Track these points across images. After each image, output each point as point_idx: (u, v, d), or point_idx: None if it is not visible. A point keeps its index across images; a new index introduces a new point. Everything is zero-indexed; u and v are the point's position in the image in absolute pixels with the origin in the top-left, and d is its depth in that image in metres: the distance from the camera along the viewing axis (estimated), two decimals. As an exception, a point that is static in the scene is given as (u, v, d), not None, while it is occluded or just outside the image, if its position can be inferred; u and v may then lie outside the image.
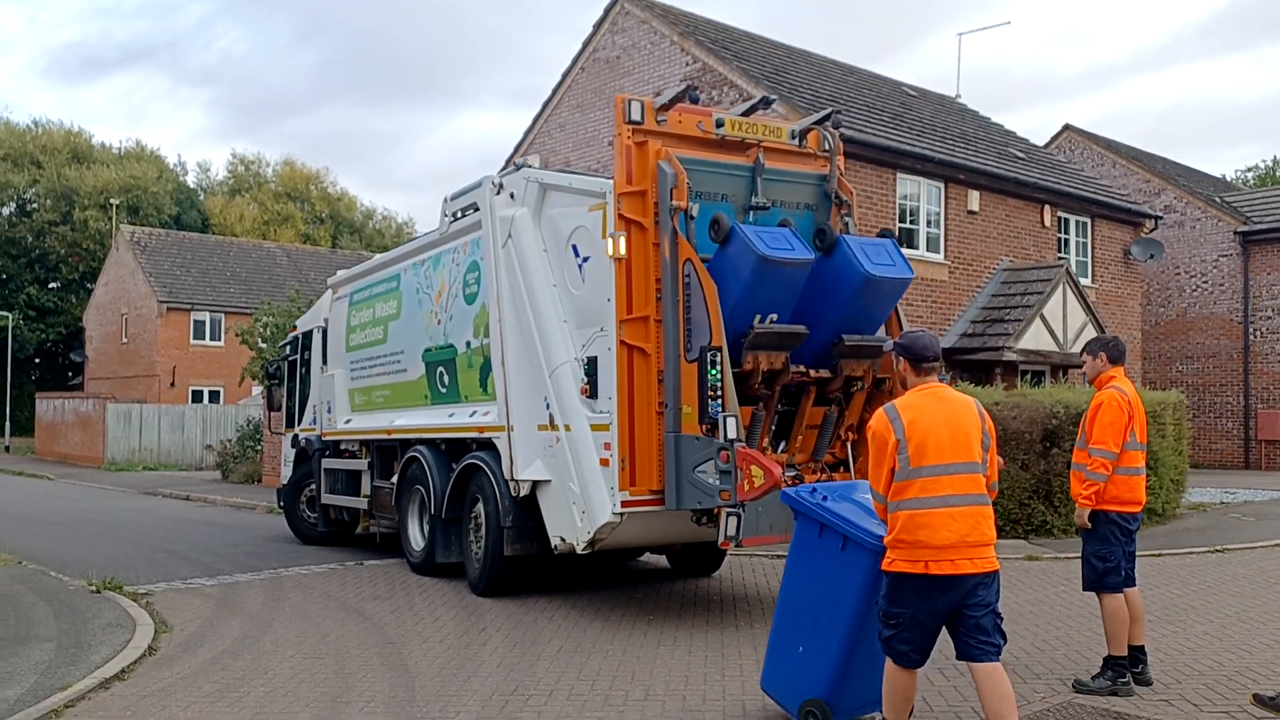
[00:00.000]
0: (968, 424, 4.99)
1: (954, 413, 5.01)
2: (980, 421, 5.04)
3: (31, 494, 23.83)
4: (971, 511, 4.85)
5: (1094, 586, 6.59)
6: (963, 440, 4.94)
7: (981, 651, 4.85)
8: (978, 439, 4.98)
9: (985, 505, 4.93)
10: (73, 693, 6.46)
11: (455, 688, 6.67)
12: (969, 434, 4.97)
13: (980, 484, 4.93)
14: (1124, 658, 6.48)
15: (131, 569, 11.57)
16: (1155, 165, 27.82)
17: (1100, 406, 6.54)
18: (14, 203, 56.74)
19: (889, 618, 4.97)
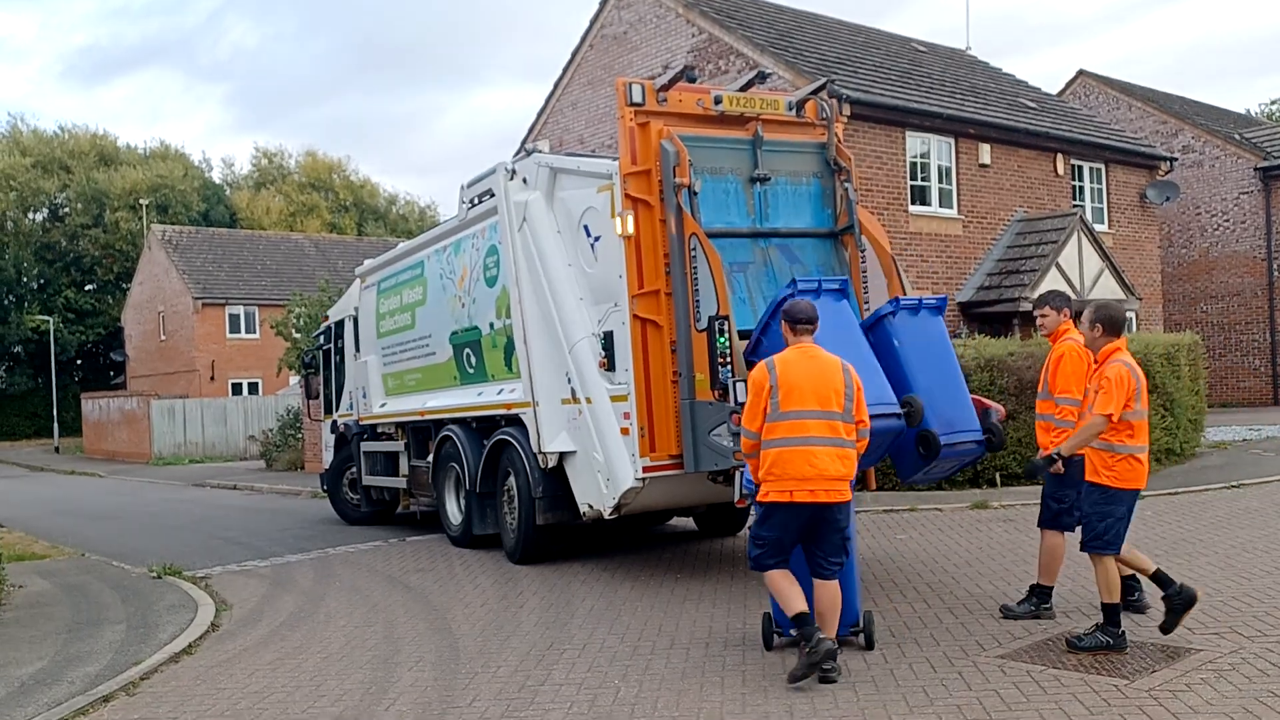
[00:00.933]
0: (832, 379, 6.01)
1: (821, 369, 6.05)
2: (845, 378, 6.04)
3: (85, 491, 24.71)
4: (828, 451, 5.91)
5: (1050, 524, 7.05)
6: (824, 392, 5.96)
7: (828, 571, 6.04)
8: (841, 392, 5.98)
9: (840, 447, 5.95)
10: (146, 666, 7.04)
11: (496, 646, 7.17)
12: (831, 387, 5.98)
13: (838, 429, 5.95)
14: (1050, 588, 7.11)
15: (188, 556, 12.18)
16: (1172, 105, 27.69)
17: (1063, 357, 6.87)
18: (46, 208, 57.81)
19: (759, 540, 6.11)
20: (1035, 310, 7.51)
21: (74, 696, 6.38)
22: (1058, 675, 5.82)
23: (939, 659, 6.28)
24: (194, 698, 6.39)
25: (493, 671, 6.56)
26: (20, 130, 59.54)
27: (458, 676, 6.49)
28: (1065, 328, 7.14)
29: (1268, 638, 6.31)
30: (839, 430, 5.98)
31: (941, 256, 17.54)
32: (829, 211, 9.25)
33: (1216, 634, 6.45)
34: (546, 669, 6.55)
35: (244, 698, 6.32)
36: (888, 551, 9.72)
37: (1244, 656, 5.96)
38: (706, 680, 6.12)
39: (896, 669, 6.14)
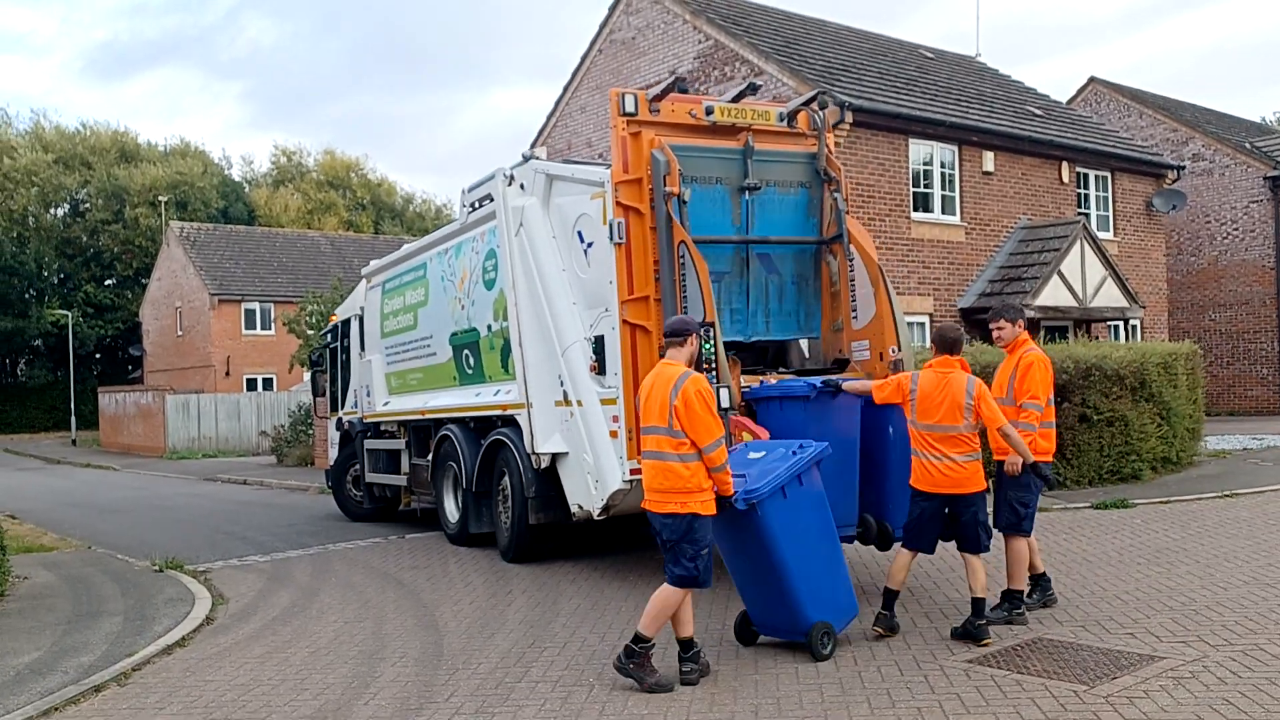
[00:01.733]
0: (663, 393, 6.12)
1: (656, 383, 6.22)
2: (670, 392, 6.08)
3: (98, 484, 25.06)
4: (651, 464, 6.17)
5: (1011, 530, 7.31)
6: (654, 407, 6.14)
7: (667, 574, 6.21)
8: (666, 406, 6.07)
9: (661, 460, 6.10)
10: (138, 658, 7.24)
11: (480, 643, 7.35)
12: (660, 402, 6.11)
13: (660, 443, 6.10)
14: (1021, 591, 7.31)
15: (192, 550, 12.43)
16: (1183, 113, 27.64)
17: (1032, 365, 7.27)
18: (67, 204, 58.52)
19: None
20: (991, 324, 7.79)
21: (66, 686, 6.59)
22: (1020, 680, 5.95)
23: (908, 662, 6.42)
24: (182, 689, 6.59)
25: (473, 668, 6.73)
26: (43, 126, 60.37)
27: (438, 673, 6.67)
28: (1024, 338, 7.56)
29: (1233, 647, 6.40)
30: (661, 444, 6.13)
31: (944, 263, 17.62)
32: (814, 221, 9.39)
33: (1184, 642, 6.55)
34: (525, 666, 6.72)
35: (229, 690, 6.51)
36: (875, 558, 9.82)
37: (1206, 665, 6.06)
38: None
39: (865, 671, 6.28)
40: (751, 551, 6.61)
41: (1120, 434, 13.48)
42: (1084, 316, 18.45)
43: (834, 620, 6.70)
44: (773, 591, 6.64)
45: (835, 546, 6.89)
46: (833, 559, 6.82)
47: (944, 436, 6.82)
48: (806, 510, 6.63)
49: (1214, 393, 25.49)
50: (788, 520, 6.48)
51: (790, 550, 6.48)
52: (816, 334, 9.66)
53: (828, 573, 6.75)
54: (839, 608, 6.80)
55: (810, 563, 6.59)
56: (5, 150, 55.46)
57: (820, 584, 6.67)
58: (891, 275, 16.53)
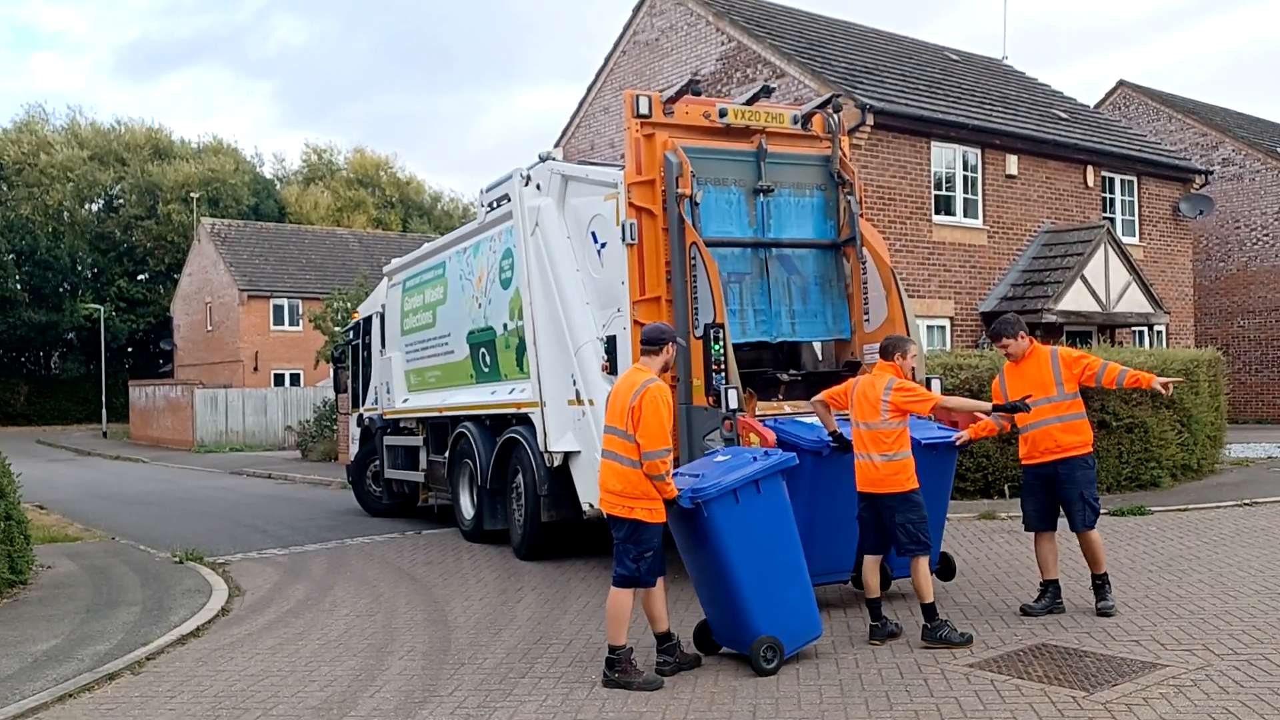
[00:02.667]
0: (625, 397, 6.22)
1: (620, 387, 6.38)
2: (630, 397, 6.16)
3: (126, 476, 25.43)
4: (605, 464, 6.30)
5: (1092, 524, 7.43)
6: (616, 409, 6.26)
7: (615, 576, 6.30)
8: (625, 410, 6.16)
9: (615, 461, 6.21)
10: (153, 647, 7.39)
11: (487, 639, 7.44)
12: (622, 405, 6.21)
13: (615, 444, 6.21)
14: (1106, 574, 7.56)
15: (213, 542, 12.62)
16: (1213, 117, 27.35)
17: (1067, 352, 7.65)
18: (102, 199, 59.40)
19: None
20: (996, 346, 7.81)
21: (81, 673, 6.74)
22: (1019, 685, 5.95)
23: (909, 665, 6.43)
24: (194, 678, 6.72)
25: (479, 663, 6.82)
26: (79, 123, 61.20)
27: (445, 667, 6.76)
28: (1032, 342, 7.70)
29: (1238, 655, 6.38)
30: (617, 445, 6.22)
31: (965, 266, 17.55)
32: (831, 223, 9.42)
33: (1188, 650, 6.52)
34: (530, 662, 6.80)
35: (240, 680, 6.64)
36: (885, 559, 9.83)
37: (1209, 673, 6.04)
38: (680, 679, 6.33)
39: (866, 674, 6.31)
40: (700, 556, 6.51)
41: (1139, 441, 13.40)
42: (1107, 322, 18.33)
43: (785, 637, 6.42)
44: (723, 599, 6.50)
45: (796, 561, 6.58)
46: (791, 574, 6.52)
47: (869, 435, 6.96)
48: (763, 519, 6.40)
49: (1241, 400, 25.23)
50: (739, 526, 6.29)
51: (739, 557, 6.30)
52: (846, 334, 9.58)
53: (783, 587, 6.46)
54: (794, 625, 6.51)
55: (763, 573, 6.37)
56: (42, 146, 56.35)
57: (774, 597, 6.41)
58: (912, 278, 16.58)
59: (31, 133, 57.64)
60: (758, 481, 6.41)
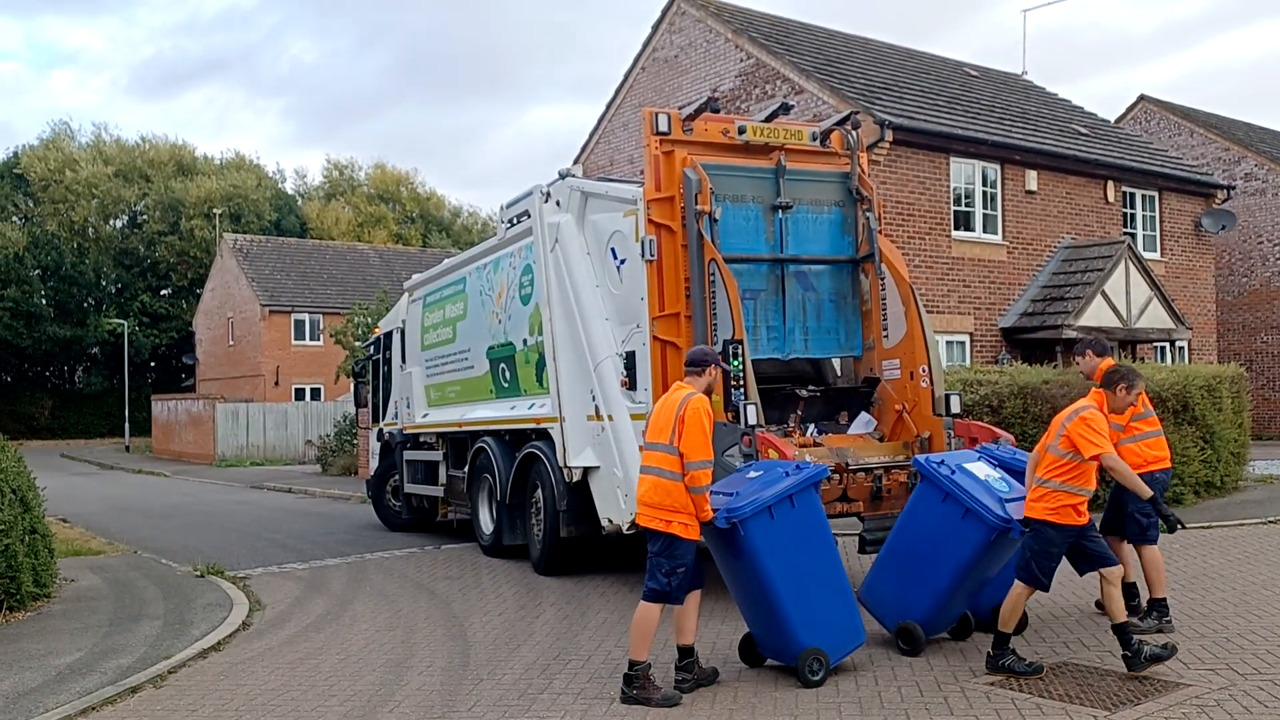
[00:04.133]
0: (669, 411, 6.26)
1: (666, 403, 6.40)
2: (676, 410, 6.20)
3: (148, 490, 25.60)
4: (648, 479, 6.26)
5: (1138, 539, 7.51)
6: (659, 424, 6.28)
7: (645, 590, 6.28)
8: (670, 423, 6.19)
9: (655, 475, 6.20)
10: (174, 661, 7.44)
11: (505, 655, 7.45)
12: (666, 419, 6.24)
13: (660, 459, 6.20)
14: (1165, 599, 7.48)
15: (234, 556, 12.69)
16: (1235, 132, 27.21)
17: None
18: (126, 215, 60.03)
19: None
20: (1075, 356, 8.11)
21: (104, 687, 6.80)
22: (1040, 704, 5.92)
23: (929, 683, 6.41)
24: (215, 692, 6.76)
25: (498, 679, 6.83)
26: (104, 140, 61.88)
27: (463, 682, 6.78)
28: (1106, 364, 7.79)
29: (1262, 675, 6.32)
30: (660, 460, 6.23)
31: (984, 282, 17.51)
32: (849, 239, 9.43)
33: (1211, 669, 6.47)
34: (549, 678, 6.81)
35: (260, 694, 6.67)
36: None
37: (1232, 694, 5.99)
38: (699, 695, 6.32)
39: (885, 691, 6.28)
40: (739, 573, 6.55)
41: (1162, 457, 13.27)
42: (1128, 337, 18.22)
43: (830, 647, 6.51)
44: (765, 614, 6.56)
45: (835, 571, 6.65)
46: (831, 585, 6.59)
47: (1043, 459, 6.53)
48: (798, 533, 6.45)
49: (1265, 416, 25.01)
50: (776, 542, 6.33)
51: (778, 572, 6.35)
52: (858, 352, 9.60)
53: (823, 599, 6.52)
54: (837, 635, 6.60)
55: (802, 587, 6.43)
56: (68, 163, 57.04)
57: (814, 610, 6.47)
58: (931, 294, 16.54)
59: (58, 149, 58.36)
60: (791, 496, 6.44)
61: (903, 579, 7.08)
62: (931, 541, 6.90)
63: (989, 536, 6.64)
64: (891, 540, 7.31)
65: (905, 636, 7.03)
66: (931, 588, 6.94)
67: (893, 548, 7.27)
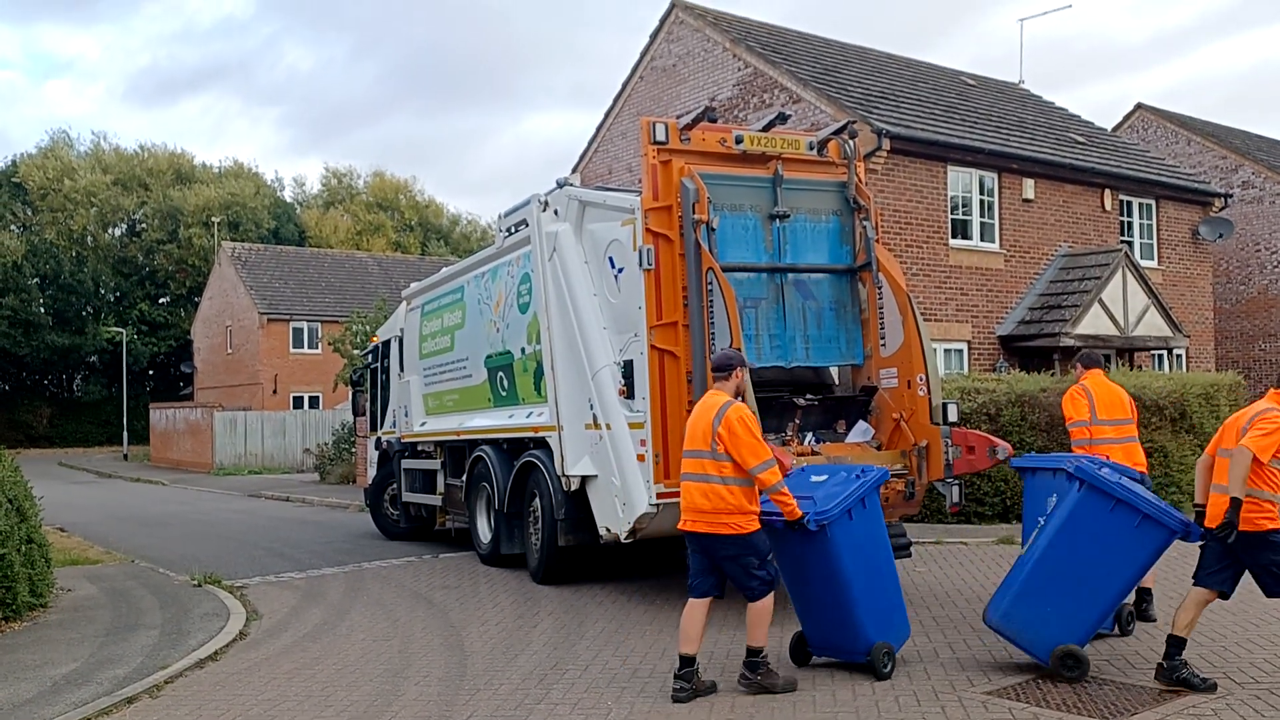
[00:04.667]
0: (706, 419, 6.44)
1: (701, 411, 6.58)
2: (713, 418, 6.38)
3: (146, 498, 25.57)
4: (694, 485, 6.40)
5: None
6: (697, 433, 6.46)
7: (745, 592, 6.42)
8: (709, 432, 6.36)
9: (701, 481, 6.36)
10: (171, 671, 7.43)
11: (503, 664, 7.44)
12: (703, 428, 6.42)
13: (703, 465, 6.36)
14: None
15: (231, 565, 12.67)
16: (1233, 140, 27.27)
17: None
18: (125, 224, 60.08)
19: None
20: None
21: (100, 697, 6.78)
22: (1037, 713, 5.92)
23: (926, 692, 6.40)
24: (211, 703, 6.75)
25: (494, 689, 6.82)
26: (103, 148, 61.93)
27: (460, 692, 6.77)
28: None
29: (1259, 685, 6.33)
30: (704, 466, 6.39)
31: (981, 290, 17.52)
32: (847, 248, 9.45)
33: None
34: (546, 688, 6.80)
35: (257, 705, 6.66)
36: (905, 584, 9.78)
37: (1229, 702, 5.99)
38: (696, 704, 6.32)
39: (882, 701, 6.28)
40: (816, 573, 6.74)
41: (1160, 465, 13.29)
42: (1126, 345, 18.24)
43: (894, 640, 6.89)
44: (834, 612, 6.78)
45: (893, 569, 7.06)
46: (892, 581, 7.00)
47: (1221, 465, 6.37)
48: (869, 532, 6.82)
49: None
50: (854, 542, 6.66)
51: (855, 571, 6.66)
52: (859, 360, 9.61)
53: (887, 594, 6.93)
54: (896, 629, 6.99)
55: (872, 584, 6.78)
56: (66, 172, 57.08)
57: (880, 605, 6.84)
58: (929, 302, 16.56)
59: (56, 158, 58.41)
60: (864, 498, 6.75)
61: (1070, 598, 6.55)
62: (1102, 553, 6.51)
63: (1168, 541, 6.59)
64: (1046, 560, 6.64)
65: (1070, 662, 6.52)
66: (1101, 602, 6.63)
67: (1051, 568, 6.62)
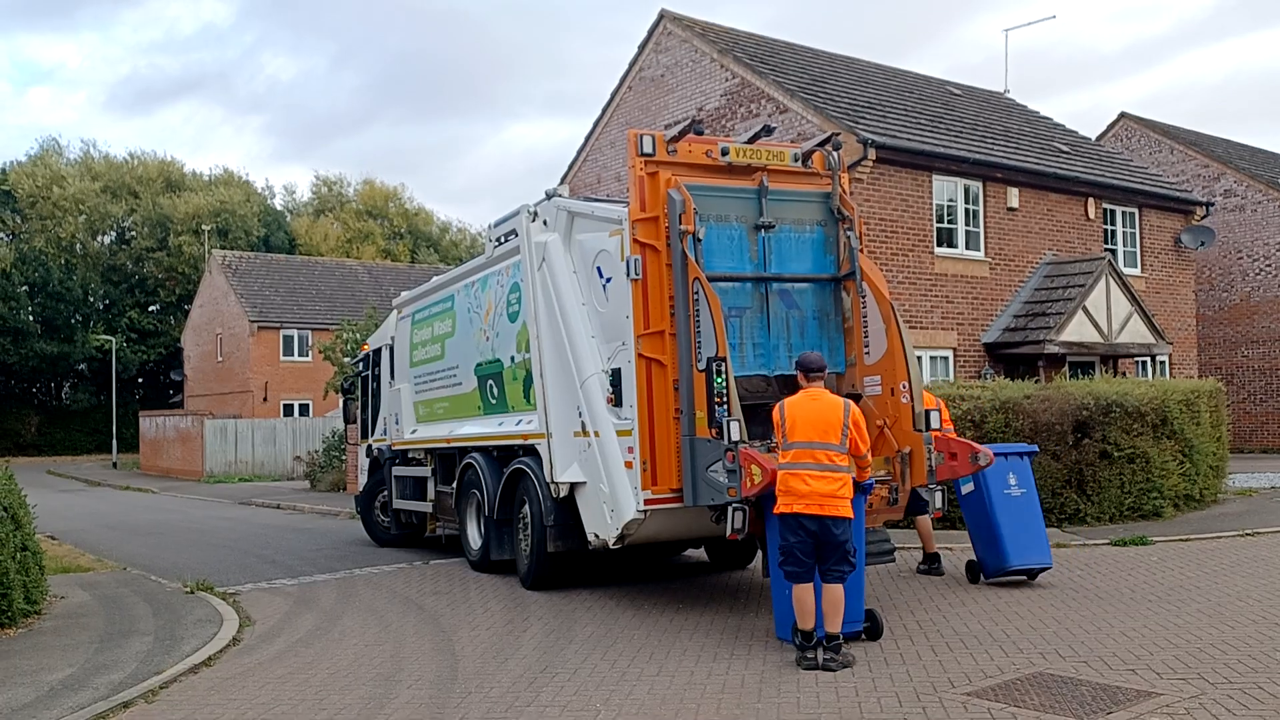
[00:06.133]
0: (830, 416, 7.38)
1: (820, 407, 7.46)
2: (843, 415, 7.40)
3: (136, 507, 25.59)
4: (822, 474, 7.23)
5: None
6: (823, 426, 7.33)
7: (833, 576, 7.22)
8: (838, 427, 7.33)
9: (834, 471, 7.25)
10: (166, 676, 7.52)
11: (493, 668, 7.56)
12: (829, 422, 7.34)
13: (830, 456, 7.28)
14: None
15: (223, 572, 12.76)
16: (1215, 149, 27.59)
17: None
18: (114, 231, 60.02)
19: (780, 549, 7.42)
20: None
21: (96, 702, 6.88)
22: (1015, 713, 6.06)
23: (908, 694, 6.54)
24: (206, 706, 6.85)
25: (485, 692, 6.94)
26: (92, 156, 61.88)
27: (451, 695, 6.89)
28: None
29: (1231, 684, 6.48)
30: (831, 457, 7.29)
31: (967, 298, 17.73)
32: (831, 258, 9.61)
33: (1183, 679, 6.63)
34: (535, 691, 6.92)
35: (251, 708, 6.77)
36: (889, 589, 9.94)
37: (1202, 702, 6.14)
38: (684, 707, 6.45)
39: (865, 702, 6.42)
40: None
41: (1141, 471, 13.49)
42: (1109, 352, 18.46)
43: None
44: None
45: None
46: None
47: None
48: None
49: (1247, 430, 25.29)
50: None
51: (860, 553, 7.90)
52: (841, 368, 9.75)
53: None
54: None
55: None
56: (56, 180, 57.02)
57: None
58: (915, 310, 16.75)
59: (46, 166, 58.35)
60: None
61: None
62: None
63: None
64: None
65: None
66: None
67: None
